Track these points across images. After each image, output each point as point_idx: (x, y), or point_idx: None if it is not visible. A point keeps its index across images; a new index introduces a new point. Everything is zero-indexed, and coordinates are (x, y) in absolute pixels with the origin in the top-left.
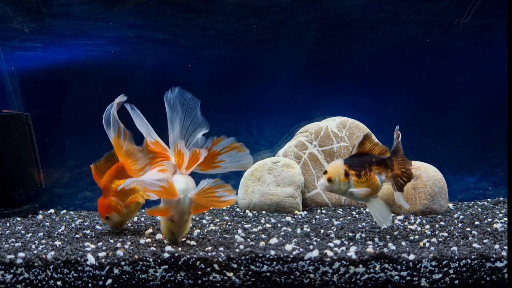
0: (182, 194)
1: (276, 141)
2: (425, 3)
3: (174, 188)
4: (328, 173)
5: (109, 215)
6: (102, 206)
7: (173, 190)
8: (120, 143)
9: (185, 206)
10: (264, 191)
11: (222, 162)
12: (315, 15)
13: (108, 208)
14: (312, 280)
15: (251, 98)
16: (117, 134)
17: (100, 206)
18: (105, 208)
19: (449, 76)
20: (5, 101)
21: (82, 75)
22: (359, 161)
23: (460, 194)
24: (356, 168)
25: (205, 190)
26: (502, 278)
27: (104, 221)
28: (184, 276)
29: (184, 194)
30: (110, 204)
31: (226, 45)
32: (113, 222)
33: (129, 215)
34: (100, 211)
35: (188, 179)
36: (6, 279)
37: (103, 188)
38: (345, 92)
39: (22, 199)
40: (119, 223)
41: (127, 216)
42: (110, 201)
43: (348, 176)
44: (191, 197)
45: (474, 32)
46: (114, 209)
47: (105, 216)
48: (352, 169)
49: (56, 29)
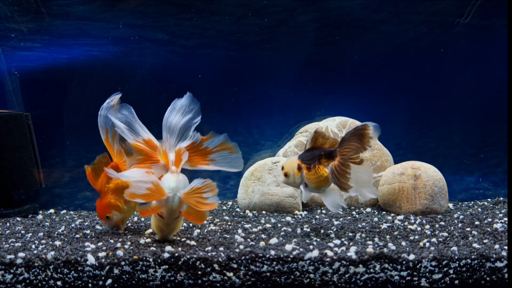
0: (171, 192)
1: (276, 141)
2: (425, 3)
3: (161, 188)
4: (284, 168)
5: (109, 214)
6: (101, 206)
7: (161, 190)
8: (110, 143)
9: (174, 205)
10: (264, 191)
11: (212, 161)
12: (315, 15)
13: (108, 207)
14: (312, 280)
15: (251, 98)
16: (106, 135)
17: (99, 206)
18: (105, 207)
19: (449, 76)
20: (5, 101)
21: (82, 75)
22: (309, 155)
23: (460, 194)
24: (307, 162)
25: (194, 190)
26: (502, 278)
27: (104, 222)
28: (184, 276)
29: (174, 192)
30: (109, 202)
31: (226, 45)
32: (114, 221)
33: (129, 211)
34: (100, 212)
35: (181, 177)
36: (6, 279)
37: (99, 189)
38: (345, 92)
39: (22, 199)
40: (121, 220)
41: (128, 212)
42: (109, 200)
43: (301, 169)
44: (180, 196)
45: (474, 32)
46: (114, 207)
47: (105, 216)
48: (304, 163)
49: (56, 29)
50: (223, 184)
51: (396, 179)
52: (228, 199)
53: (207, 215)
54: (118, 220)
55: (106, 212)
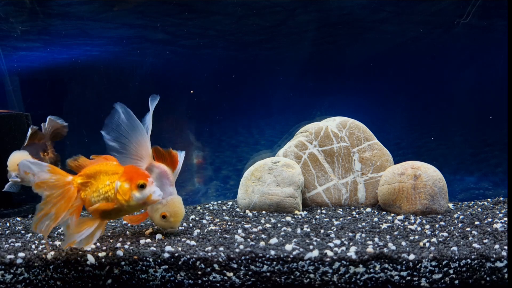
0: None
1: (276, 141)
2: (425, 3)
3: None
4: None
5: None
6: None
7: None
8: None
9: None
10: (264, 191)
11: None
12: (315, 15)
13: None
14: (312, 280)
15: (251, 98)
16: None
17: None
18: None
19: (449, 76)
20: (5, 101)
21: (82, 75)
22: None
23: (460, 194)
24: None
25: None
26: (502, 278)
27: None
28: (184, 276)
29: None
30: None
31: (226, 45)
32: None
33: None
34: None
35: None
36: (6, 279)
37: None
38: (345, 92)
39: (22, 199)
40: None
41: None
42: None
43: None
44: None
45: (474, 32)
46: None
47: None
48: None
49: (56, 29)
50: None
51: (396, 179)
52: (228, 199)
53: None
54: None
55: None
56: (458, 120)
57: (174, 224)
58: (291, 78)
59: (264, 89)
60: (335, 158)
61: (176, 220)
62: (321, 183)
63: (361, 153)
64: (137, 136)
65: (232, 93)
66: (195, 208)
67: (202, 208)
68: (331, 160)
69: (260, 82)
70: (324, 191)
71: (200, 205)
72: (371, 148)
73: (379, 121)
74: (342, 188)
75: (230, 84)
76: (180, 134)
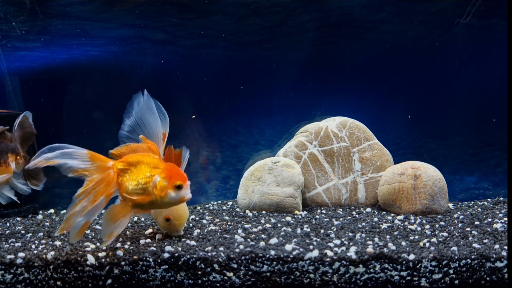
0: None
1: (276, 141)
2: (425, 3)
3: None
4: None
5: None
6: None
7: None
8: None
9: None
10: (264, 191)
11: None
12: (315, 15)
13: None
14: (312, 280)
15: (251, 98)
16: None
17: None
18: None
19: (449, 76)
20: (5, 101)
21: (82, 75)
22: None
23: (460, 194)
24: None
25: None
26: (502, 278)
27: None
28: (184, 276)
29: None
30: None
31: (226, 45)
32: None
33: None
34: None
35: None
36: (6, 279)
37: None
38: (345, 92)
39: (22, 199)
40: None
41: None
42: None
43: None
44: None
45: (474, 32)
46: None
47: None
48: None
49: (56, 29)
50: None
51: (396, 179)
52: (228, 199)
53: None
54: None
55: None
56: (458, 120)
57: (178, 227)
58: (291, 78)
59: (264, 89)
60: (335, 158)
61: (180, 223)
62: (321, 183)
63: (361, 153)
64: (153, 130)
65: (232, 93)
66: (195, 208)
67: (202, 208)
68: (331, 160)
69: (260, 82)
70: (324, 191)
71: (200, 205)
72: (371, 148)
73: (379, 121)
74: (342, 188)
75: (230, 84)
76: (180, 134)
